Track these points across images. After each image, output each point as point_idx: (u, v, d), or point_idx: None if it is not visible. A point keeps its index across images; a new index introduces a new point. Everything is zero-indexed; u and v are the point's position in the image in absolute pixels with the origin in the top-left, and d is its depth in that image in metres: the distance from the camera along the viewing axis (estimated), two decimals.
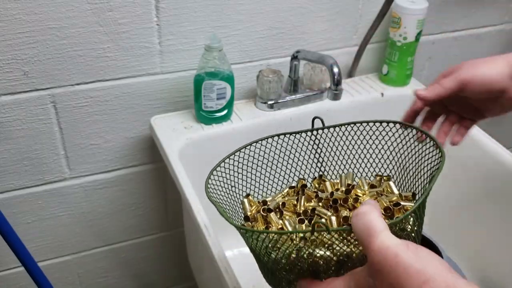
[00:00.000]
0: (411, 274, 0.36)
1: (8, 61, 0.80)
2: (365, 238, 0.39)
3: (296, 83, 0.97)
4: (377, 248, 0.38)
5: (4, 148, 0.88)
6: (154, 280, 1.23)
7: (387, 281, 0.37)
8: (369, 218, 0.40)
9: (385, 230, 0.39)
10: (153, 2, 0.84)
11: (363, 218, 0.40)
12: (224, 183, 0.56)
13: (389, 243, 0.38)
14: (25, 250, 0.83)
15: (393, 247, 0.38)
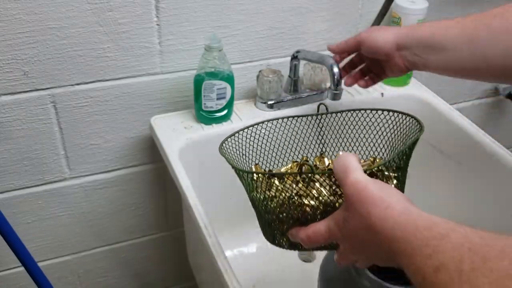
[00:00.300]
0: (376, 202, 0.43)
1: (8, 61, 0.80)
2: (342, 176, 0.46)
3: (296, 83, 0.97)
4: (350, 183, 0.45)
5: (4, 148, 0.88)
6: (154, 280, 1.23)
7: (357, 210, 0.44)
8: (346, 160, 0.47)
9: (358, 169, 0.46)
10: (153, 2, 0.84)
11: (341, 160, 0.48)
12: (236, 150, 0.63)
13: (360, 178, 0.45)
14: (25, 250, 0.83)
15: (364, 181, 0.45)
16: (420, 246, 0.37)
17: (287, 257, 1.02)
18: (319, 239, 0.50)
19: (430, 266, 0.35)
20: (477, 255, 0.33)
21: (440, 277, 0.34)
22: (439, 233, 0.37)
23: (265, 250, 1.03)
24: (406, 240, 0.39)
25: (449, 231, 0.36)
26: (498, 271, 0.31)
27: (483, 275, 0.31)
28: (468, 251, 0.33)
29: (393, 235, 0.40)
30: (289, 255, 1.02)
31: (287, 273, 0.99)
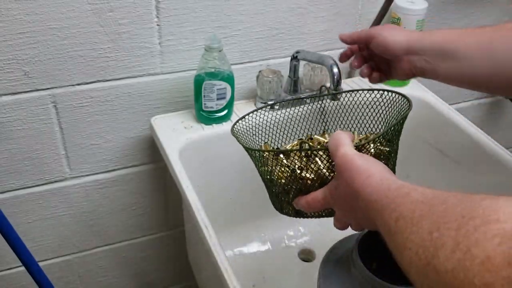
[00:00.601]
0: (360, 171, 0.50)
1: (9, 61, 0.81)
2: (334, 149, 0.54)
3: (296, 83, 0.97)
4: (340, 155, 0.52)
5: (5, 148, 0.89)
6: (154, 279, 1.23)
7: (344, 178, 0.51)
8: (339, 136, 0.54)
9: (348, 144, 0.53)
10: (153, 3, 0.84)
11: (335, 136, 0.55)
12: (247, 131, 0.69)
13: (349, 152, 0.52)
14: (26, 250, 0.83)
15: (351, 154, 0.52)
16: (389, 203, 0.44)
17: (287, 257, 1.03)
18: (316, 205, 0.57)
19: (393, 218, 0.42)
20: (426, 204, 0.40)
21: (398, 225, 0.41)
22: (404, 192, 0.44)
23: (265, 250, 1.04)
24: (379, 201, 0.46)
25: (412, 190, 0.43)
26: (436, 213, 0.38)
27: (426, 218, 0.38)
28: (421, 203, 0.41)
29: (370, 199, 0.47)
30: (289, 255, 1.02)
31: (287, 273, 0.99)
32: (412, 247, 0.38)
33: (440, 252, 0.35)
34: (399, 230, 0.41)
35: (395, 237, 0.42)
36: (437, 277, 0.35)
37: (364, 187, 0.49)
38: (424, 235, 0.37)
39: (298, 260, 1.02)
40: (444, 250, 0.35)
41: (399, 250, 0.41)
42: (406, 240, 0.39)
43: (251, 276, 0.98)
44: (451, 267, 0.33)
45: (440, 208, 0.38)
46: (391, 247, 0.44)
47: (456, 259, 0.33)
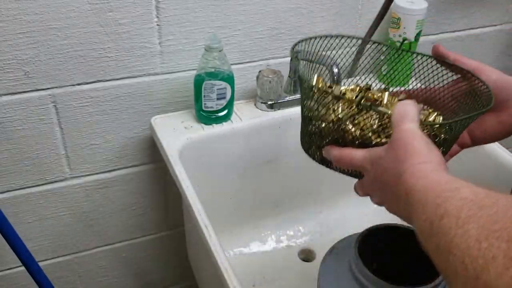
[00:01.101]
0: (417, 154, 0.45)
1: (9, 61, 0.81)
2: (398, 120, 0.48)
3: (296, 83, 0.97)
4: (403, 129, 0.47)
5: (5, 148, 0.89)
6: (154, 279, 1.23)
7: (397, 154, 0.47)
8: (409, 108, 0.49)
9: (415, 121, 0.48)
10: (153, 3, 0.84)
11: (405, 106, 0.49)
12: (306, 54, 0.65)
13: (414, 129, 0.47)
14: (26, 250, 0.83)
15: (416, 133, 0.47)
16: (434, 197, 0.40)
17: (287, 257, 1.03)
18: (349, 162, 0.54)
19: (437, 214, 0.38)
20: (475, 204, 0.36)
21: (442, 223, 0.37)
22: (453, 187, 0.40)
23: (265, 250, 1.04)
24: (425, 191, 0.41)
25: (463, 186, 0.40)
26: (486, 217, 0.34)
27: (474, 221, 0.35)
28: (470, 202, 0.37)
29: (415, 186, 0.43)
30: (289, 255, 1.02)
31: (287, 273, 0.99)
32: (458, 254, 0.35)
33: (491, 267, 0.32)
34: (443, 230, 0.37)
35: (437, 237, 0.38)
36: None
37: (415, 171, 0.44)
38: (471, 242, 0.34)
39: (298, 260, 1.02)
40: (496, 265, 0.31)
41: (441, 254, 0.37)
42: (450, 243, 0.36)
43: (251, 276, 0.98)
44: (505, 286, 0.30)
45: (489, 211, 0.35)
46: (428, 247, 0.40)
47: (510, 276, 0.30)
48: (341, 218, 1.10)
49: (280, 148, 0.99)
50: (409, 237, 0.72)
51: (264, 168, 1.00)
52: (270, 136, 0.97)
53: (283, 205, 1.07)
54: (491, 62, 1.26)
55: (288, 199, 1.06)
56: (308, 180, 1.07)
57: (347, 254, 0.70)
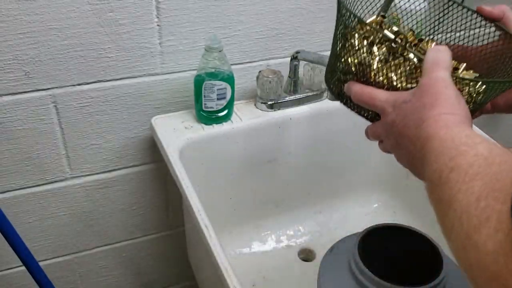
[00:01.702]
0: (445, 104, 0.43)
1: (9, 61, 0.81)
2: (430, 66, 0.46)
3: (296, 83, 0.98)
4: (434, 76, 0.45)
5: (5, 148, 0.89)
6: (155, 279, 1.23)
7: (423, 99, 0.44)
8: (443, 54, 0.47)
9: (448, 69, 0.46)
10: (153, 3, 0.84)
11: (438, 52, 0.47)
12: None
13: (446, 78, 0.45)
14: (26, 250, 0.83)
15: (447, 83, 0.45)
16: (450, 148, 0.39)
17: (287, 257, 1.03)
18: (370, 101, 0.50)
19: (448, 166, 0.37)
20: (487, 161, 0.35)
21: (451, 176, 0.36)
22: (473, 142, 0.38)
23: (265, 250, 1.04)
24: (443, 141, 0.40)
25: (483, 142, 0.38)
26: (492, 174, 0.33)
27: (480, 178, 0.34)
28: (482, 159, 0.35)
29: (436, 134, 0.41)
30: (289, 255, 1.02)
31: (287, 273, 0.99)
32: (457, 209, 0.34)
33: (483, 228, 0.31)
34: (449, 183, 0.36)
35: (442, 188, 0.37)
36: (477, 255, 0.31)
37: (439, 120, 0.42)
38: (472, 200, 0.33)
39: (298, 260, 1.02)
40: (488, 227, 0.31)
41: (443, 207, 0.37)
42: (453, 198, 0.35)
43: (251, 276, 0.98)
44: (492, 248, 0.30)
45: (497, 169, 0.33)
46: (432, 198, 0.39)
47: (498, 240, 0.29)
48: (341, 218, 1.10)
49: (280, 148, 0.99)
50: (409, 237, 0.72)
51: (264, 168, 1.00)
52: (270, 136, 0.97)
53: (283, 205, 1.07)
54: None
55: (288, 199, 1.07)
56: (308, 180, 1.07)
57: (347, 254, 0.70)
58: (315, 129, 1.00)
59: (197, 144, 0.90)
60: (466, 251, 0.32)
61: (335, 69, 0.57)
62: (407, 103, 0.46)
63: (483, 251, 0.30)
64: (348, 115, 1.08)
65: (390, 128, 0.48)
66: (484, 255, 0.30)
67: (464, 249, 0.33)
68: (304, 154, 1.03)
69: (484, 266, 0.30)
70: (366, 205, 1.13)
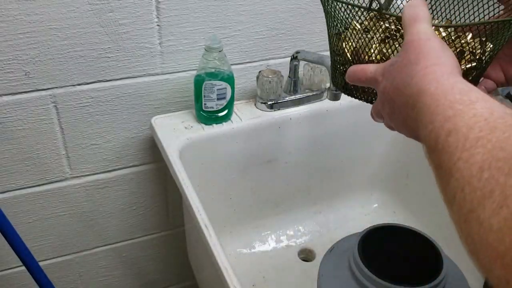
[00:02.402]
0: (430, 55, 0.41)
1: (9, 61, 0.81)
2: (409, 22, 0.44)
3: (296, 83, 0.98)
4: (415, 31, 0.43)
5: (5, 148, 0.89)
6: (155, 279, 1.23)
7: (408, 56, 0.42)
8: (419, 8, 0.45)
9: (427, 21, 0.44)
10: (153, 3, 0.84)
11: (414, 7, 0.45)
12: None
13: (427, 30, 0.43)
14: (26, 250, 0.83)
15: (429, 33, 0.43)
16: (445, 106, 0.36)
17: (287, 257, 1.03)
18: (362, 75, 0.49)
19: (445, 129, 0.35)
20: (488, 125, 0.32)
21: (449, 141, 0.34)
22: (469, 99, 0.35)
23: (265, 250, 1.04)
24: (436, 97, 0.37)
25: (479, 100, 0.35)
26: (495, 141, 0.31)
27: (481, 145, 0.31)
28: (483, 121, 0.33)
29: (426, 89, 0.39)
30: (289, 255, 1.02)
31: (287, 273, 0.99)
32: (460, 179, 0.32)
33: (487, 202, 0.29)
34: (448, 149, 0.33)
35: (441, 155, 0.34)
36: (480, 231, 0.29)
37: (426, 73, 0.40)
38: (474, 170, 0.31)
39: (298, 260, 1.02)
40: (492, 201, 0.28)
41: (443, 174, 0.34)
42: (453, 165, 0.32)
43: (251, 276, 0.98)
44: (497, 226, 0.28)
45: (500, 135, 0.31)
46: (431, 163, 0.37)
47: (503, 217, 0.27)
48: (341, 218, 1.10)
49: (280, 148, 0.99)
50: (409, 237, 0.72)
51: (264, 168, 1.00)
52: (270, 136, 0.97)
53: (283, 205, 1.07)
54: None
55: (288, 199, 1.07)
56: (308, 180, 1.07)
57: (347, 254, 0.70)
58: (315, 129, 1.00)
59: (197, 144, 0.90)
60: (468, 224, 0.30)
61: (335, 64, 0.58)
62: (394, 65, 0.45)
63: (487, 227, 0.28)
64: (348, 115, 1.08)
65: (383, 96, 0.46)
66: (488, 232, 0.28)
67: (466, 222, 0.31)
68: (304, 154, 1.03)
69: (487, 244, 0.28)
70: (366, 205, 1.13)
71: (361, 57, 0.53)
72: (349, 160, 1.08)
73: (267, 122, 0.95)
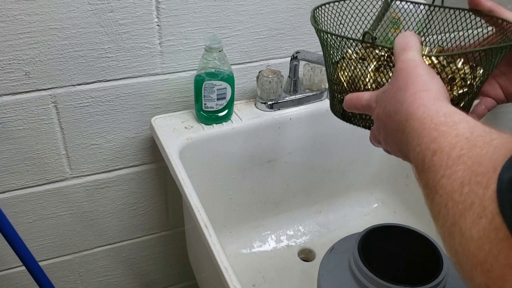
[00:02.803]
0: (417, 82, 0.44)
1: (10, 61, 0.81)
2: (399, 52, 0.47)
3: (296, 83, 0.98)
4: (405, 59, 0.46)
5: (5, 148, 0.89)
6: (155, 279, 1.23)
7: (398, 83, 0.45)
8: (409, 38, 0.48)
9: (417, 50, 0.47)
10: (153, 3, 0.84)
11: (404, 37, 0.48)
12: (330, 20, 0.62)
13: (415, 58, 0.46)
14: (26, 250, 0.83)
15: (417, 61, 0.46)
16: (431, 129, 0.38)
17: (287, 257, 1.03)
18: (358, 102, 0.52)
19: (430, 149, 0.37)
20: (469, 143, 0.34)
21: (434, 160, 0.36)
22: (452, 121, 0.38)
23: (265, 250, 1.04)
24: (423, 121, 0.40)
25: (462, 121, 0.37)
26: (475, 157, 0.33)
27: (462, 162, 0.33)
28: (464, 140, 0.35)
29: (414, 113, 0.41)
30: (289, 255, 1.02)
31: (287, 273, 0.99)
32: (443, 195, 0.34)
33: (467, 214, 0.30)
34: (433, 168, 0.36)
35: (427, 174, 0.37)
36: (462, 241, 0.31)
37: (415, 99, 0.42)
38: (456, 185, 0.33)
39: (298, 260, 1.02)
40: (472, 213, 0.30)
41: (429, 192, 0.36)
42: (437, 183, 0.35)
43: (251, 276, 0.98)
44: (477, 235, 0.29)
45: (480, 151, 0.33)
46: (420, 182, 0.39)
47: (482, 227, 0.29)
48: (341, 218, 1.10)
49: (280, 148, 0.99)
50: (409, 237, 0.72)
51: (264, 168, 1.00)
52: (270, 136, 0.97)
53: (283, 205, 1.07)
54: None
55: (288, 199, 1.07)
56: (308, 180, 1.07)
57: (347, 254, 0.70)
58: (315, 129, 1.00)
59: (197, 144, 0.90)
60: (452, 237, 0.32)
61: (333, 93, 0.61)
62: (386, 92, 0.47)
63: (468, 237, 0.30)
64: None
65: (378, 122, 0.49)
66: (469, 242, 0.30)
67: (450, 235, 0.32)
68: (304, 154, 1.03)
69: (469, 252, 0.30)
70: (366, 205, 1.13)
71: (357, 85, 0.56)
72: (349, 160, 1.08)
73: (267, 122, 0.95)
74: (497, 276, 0.28)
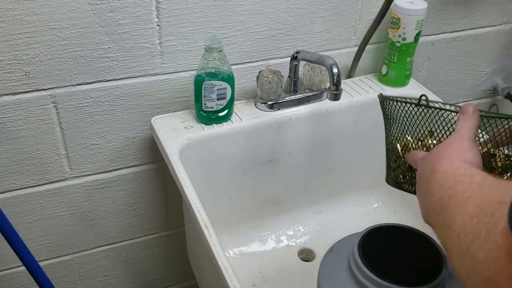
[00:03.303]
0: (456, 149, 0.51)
1: (9, 61, 0.81)
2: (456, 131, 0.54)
3: (296, 83, 0.98)
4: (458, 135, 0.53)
5: (5, 148, 0.89)
6: (155, 279, 1.23)
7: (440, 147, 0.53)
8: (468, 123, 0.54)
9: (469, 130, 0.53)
10: (153, 3, 0.84)
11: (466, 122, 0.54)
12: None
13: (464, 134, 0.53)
14: (26, 250, 0.83)
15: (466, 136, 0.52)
16: (451, 179, 0.45)
17: (287, 257, 1.03)
18: (413, 159, 0.60)
19: (448, 193, 0.43)
20: (479, 187, 0.40)
21: (450, 202, 0.42)
22: (469, 172, 0.44)
23: (265, 250, 1.04)
24: (445, 174, 0.47)
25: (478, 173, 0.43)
26: (483, 196, 0.38)
27: (473, 201, 0.39)
28: (476, 185, 0.41)
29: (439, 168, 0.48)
30: (289, 255, 1.02)
31: (287, 273, 0.99)
32: (456, 230, 0.39)
33: (476, 240, 0.35)
34: (448, 208, 0.41)
35: (444, 214, 0.42)
36: (473, 264, 0.35)
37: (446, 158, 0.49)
38: (467, 219, 0.38)
39: (298, 260, 1.02)
40: (480, 238, 0.35)
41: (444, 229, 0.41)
42: (452, 221, 0.40)
43: (251, 276, 0.98)
44: (483, 256, 0.34)
45: (487, 192, 0.38)
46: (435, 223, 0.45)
47: (487, 248, 0.33)
48: (341, 218, 1.10)
49: (280, 148, 0.99)
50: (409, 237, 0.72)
51: (264, 168, 1.00)
52: (270, 136, 0.97)
53: (283, 205, 1.07)
54: (491, 62, 1.26)
55: (288, 199, 1.07)
56: (308, 180, 1.07)
57: (347, 254, 0.70)
58: (315, 129, 1.00)
59: (197, 144, 0.90)
60: (464, 262, 0.37)
61: (389, 164, 0.69)
62: (431, 153, 0.54)
63: (477, 259, 0.35)
64: (348, 115, 1.08)
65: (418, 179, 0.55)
66: (478, 263, 0.34)
67: (462, 261, 0.37)
68: (304, 154, 1.03)
69: (478, 273, 0.34)
70: (366, 205, 1.13)
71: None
72: (349, 160, 1.08)
73: (267, 122, 0.95)
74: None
